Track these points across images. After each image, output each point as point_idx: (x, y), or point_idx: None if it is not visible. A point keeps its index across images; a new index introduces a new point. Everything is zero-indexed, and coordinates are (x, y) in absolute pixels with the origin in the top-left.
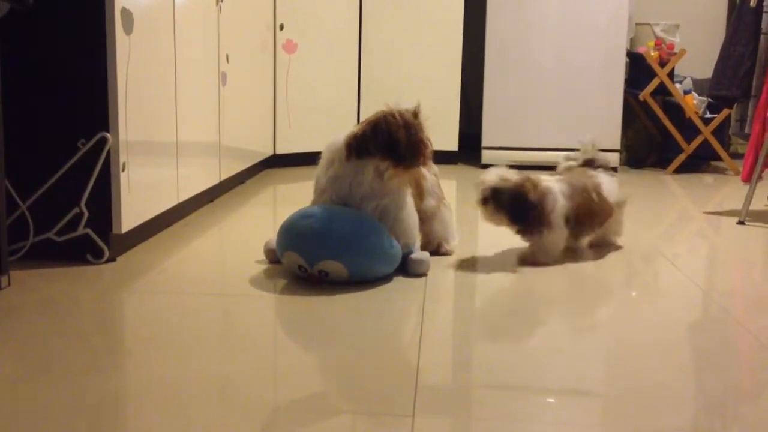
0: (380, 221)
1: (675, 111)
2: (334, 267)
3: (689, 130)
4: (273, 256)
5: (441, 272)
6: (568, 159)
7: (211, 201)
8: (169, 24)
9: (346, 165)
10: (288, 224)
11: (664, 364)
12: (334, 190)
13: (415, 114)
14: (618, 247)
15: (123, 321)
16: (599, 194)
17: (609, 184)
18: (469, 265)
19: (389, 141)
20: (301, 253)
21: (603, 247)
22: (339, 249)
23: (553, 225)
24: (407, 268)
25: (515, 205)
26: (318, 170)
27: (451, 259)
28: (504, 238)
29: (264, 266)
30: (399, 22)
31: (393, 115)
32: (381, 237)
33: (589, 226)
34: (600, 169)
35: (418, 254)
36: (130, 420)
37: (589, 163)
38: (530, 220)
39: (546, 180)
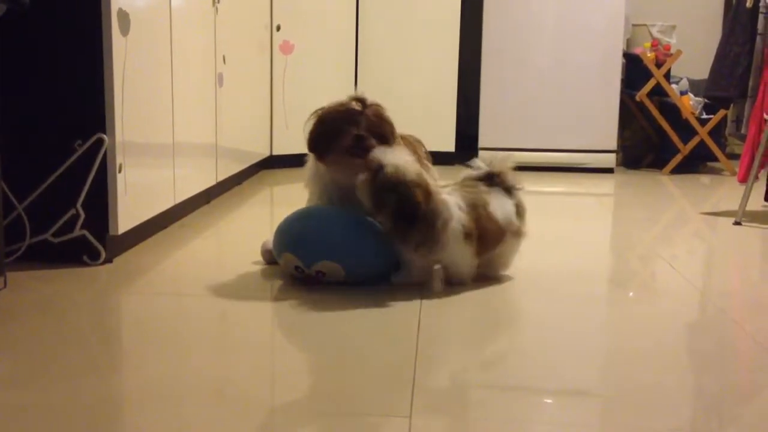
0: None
1: (671, 112)
2: (331, 267)
3: (686, 130)
4: (270, 257)
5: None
6: (470, 169)
7: (208, 202)
8: (166, 25)
9: (317, 164)
10: (285, 225)
11: (662, 364)
12: (318, 190)
13: (360, 102)
14: (507, 278)
15: (120, 322)
16: (487, 212)
17: (500, 205)
18: None
19: (309, 134)
20: (297, 254)
21: (489, 278)
22: (336, 250)
23: (448, 242)
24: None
25: (396, 202)
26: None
27: None
28: None
29: (261, 267)
30: (396, 22)
31: (319, 108)
32: (378, 237)
33: (484, 244)
34: (497, 188)
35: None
36: (127, 421)
37: (489, 179)
38: (409, 229)
39: (444, 191)
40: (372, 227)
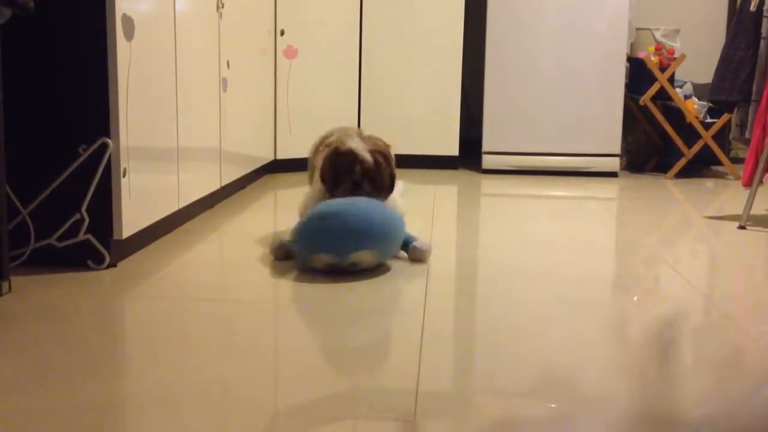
0: None
1: (675, 116)
2: (364, 256)
3: (690, 134)
4: (283, 254)
5: (441, 278)
6: None
7: (212, 206)
8: (170, 30)
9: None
10: (311, 226)
11: (664, 368)
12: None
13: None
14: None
15: (123, 326)
16: None
17: None
18: (469, 270)
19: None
20: (333, 251)
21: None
22: (372, 240)
23: None
24: (411, 255)
25: None
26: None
27: (452, 265)
28: (503, 243)
29: (264, 271)
30: (399, 27)
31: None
32: (399, 223)
33: None
34: None
35: (421, 243)
36: (129, 426)
37: None
38: None
39: None
40: (387, 211)
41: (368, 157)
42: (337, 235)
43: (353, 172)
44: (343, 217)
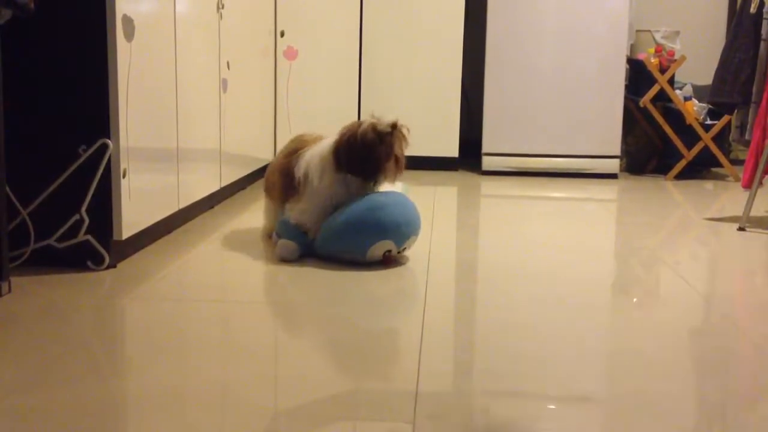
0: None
1: (675, 117)
2: (411, 242)
3: (690, 136)
4: (292, 255)
5: (441, 279)
6: None
7: (212, 207)
8: (170, 31)
9: (336, 175)
10: (369, 218)
11: (665, 370)
12: (333, 196)
13: (393, 126)
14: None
15: (123, 327)
16: None
17: None
18: (469, 271)
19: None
20: (393, 239)
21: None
22: (417, 227)
23: None
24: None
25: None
26: (311, 174)
27: (452, 266)
28: (503, 244)
29: (264, 272)
30: (400, 29)
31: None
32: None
33: None
34: None
35: None
36: (129, 426)
37: None
38: None
39: None
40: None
41: (404, 124)
42: (399, 223)
43: (393, 147)
44: (395, 207)
